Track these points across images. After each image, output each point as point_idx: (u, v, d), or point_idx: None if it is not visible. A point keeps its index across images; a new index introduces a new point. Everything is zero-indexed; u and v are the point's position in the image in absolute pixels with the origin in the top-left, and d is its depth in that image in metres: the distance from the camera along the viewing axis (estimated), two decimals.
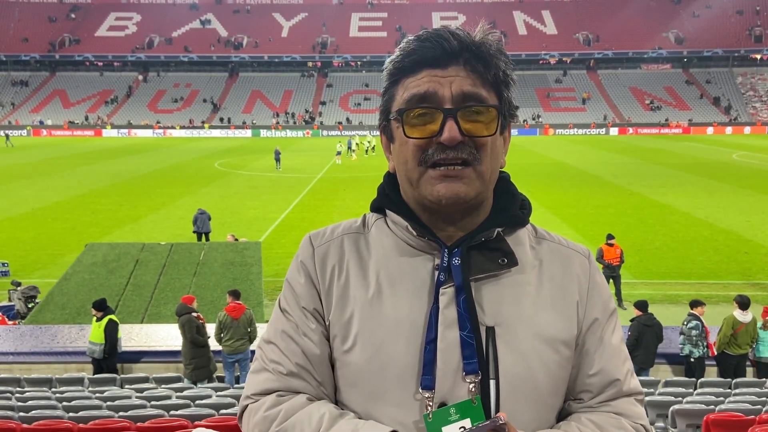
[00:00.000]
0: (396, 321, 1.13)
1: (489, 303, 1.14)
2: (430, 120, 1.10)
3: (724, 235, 17.43)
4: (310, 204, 22.55)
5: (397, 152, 1.17)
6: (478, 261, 1.15)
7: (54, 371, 8.85)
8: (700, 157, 37.49)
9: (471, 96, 1.10)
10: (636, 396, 1.23)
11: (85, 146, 47.43)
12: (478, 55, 1.12)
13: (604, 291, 1.24)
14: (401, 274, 1.16)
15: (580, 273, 1.22)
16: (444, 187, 1.10)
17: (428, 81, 1.11)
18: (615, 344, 1.22)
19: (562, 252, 1.24)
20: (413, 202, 1.18)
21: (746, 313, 8.38)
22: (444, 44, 1.12)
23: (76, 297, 11.29)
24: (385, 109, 1.20)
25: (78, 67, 71.57)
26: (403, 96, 1.14)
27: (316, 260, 1.22)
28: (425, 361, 1.10)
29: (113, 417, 5.80)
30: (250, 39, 72.65)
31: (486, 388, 1.09)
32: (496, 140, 1.15)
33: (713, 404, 6.23)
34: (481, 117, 1.11)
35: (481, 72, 1.12)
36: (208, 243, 14.65)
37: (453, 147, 1.09)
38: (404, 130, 1.13)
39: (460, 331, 1.10)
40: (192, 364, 8.27)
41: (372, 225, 1.25)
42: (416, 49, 1.13)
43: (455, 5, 77.35)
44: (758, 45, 67.66)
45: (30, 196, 24.62)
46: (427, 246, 1.17)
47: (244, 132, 59.58)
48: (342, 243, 1.23)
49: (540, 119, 61.66)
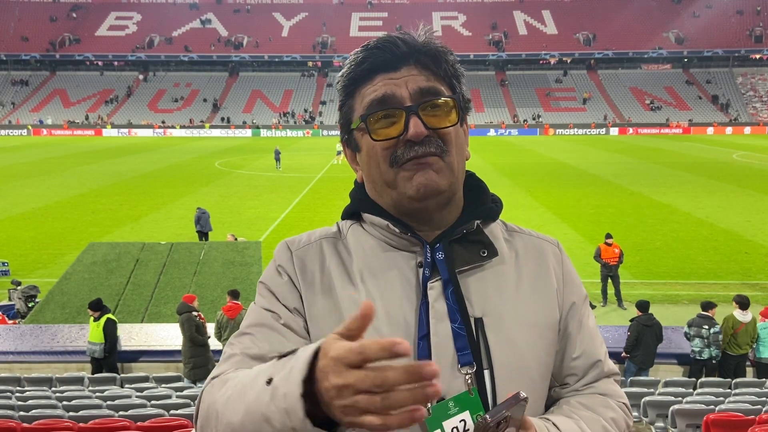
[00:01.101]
0: (386, 320, 1.13)
1: (475, 295, 1.16)
2: (394, 120, 1.12)
3: (725, 235, 17.43)
4: (310, 204, 22.55)
5: (366, 159, 1.18)
6: (460, 254, 1.17)
7: (54, 370, 8.85)
8: (700, 157, 37.49)
9: (428, 91, 1.13)
10: (615, 376, 1.28)
11: (85, 146, 47.42)
12: (426, 53, 1.16)
13: (576, 276, 1.29)
14: (385, 274, 1.17)
15: (553, 261, 1.27)
16: (420, 176, 1.12)
17: (384, 85, 1.14)
18: (592, 326, 1.27)
19: (534, 243, 1.28)
20: (391, 206, 1.19)
21: (746, 313, 8.39)
22: (393, 48, 1.15)
23: (76, 296, 11.29)
24: (345, 122, 1.22)
25: (78, 67, 71.57)
26: (362, 104, 1.16)
27: (296, 263, 1.20)
28: (419, 357, 1.11)
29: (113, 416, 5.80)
30: (251, 39, 72.65)
31: (481, 378, 1.11)
32: (459, 131, 1.18)
33: (713, 404, 6.23)
34: (441, 109, 1.14)
35: (432, 68, 1.16)
36: (208, 242, 14.65)
37: (420, 143, 1.11)
38: (370, 135, 1.14)
39: (451, 324, 1.12)
40: (191, 363, 8.28)
41: (347, 231, 1.25)
42: (366, 57, 1.16)
43: (455, 5, 77.33)
44: (758, 45, 67.63)
45: (30, 195, 24.63)
46: (408, 244, 1.18)
47: (244, 132, 59.58)
48: (321, 247, 1.23)
49: (540, 119, 61.65)
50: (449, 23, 74.02)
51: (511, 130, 59.01)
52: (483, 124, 59.95)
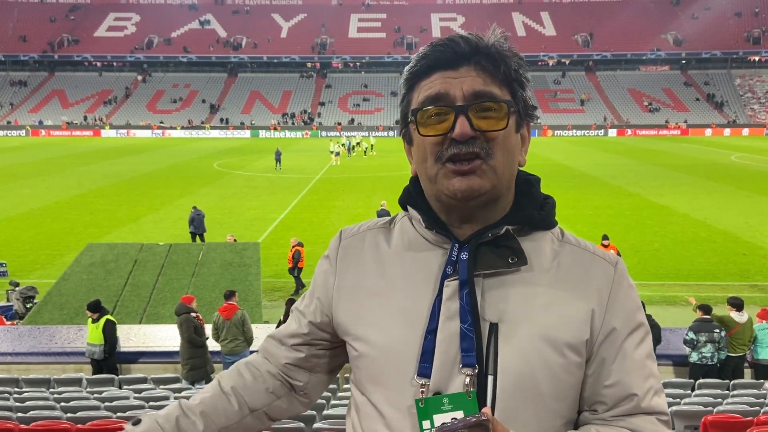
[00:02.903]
0: (401, 310, 1.18)
1: (494, 299, 1.16)
2: (444, 118, 1.14)
3: (723, 237, 17.45)
4: (309, 205, 22.55)
5: (415, 153, 1.22)
6: (486, 257, 1.17)
7: (52, 371, 8.84)
8: (698, 158, 37.54)
9: (482, 94, 1.14)
10: (658, 416, 1.18)
11: (83, 146, 47.40)
12: (488, 55, 1.16)
13: (629, 302, 1.20)
14: (414, 267, 1.22)
15: (601, 280, 1.19)
16: (459, 181, 1.13)
17: (440, 82, 1.15)
18: (637, 358, 1.18)
19: (584, 257, 1.22)
20: (433, 200, 1.21)
21: (742, 314, 8.40)
22: (455, 47, 1.16)
23: (75, 297, 11.27)
24: (403, 115, 1.24)
25: (77, 67, 71.56)
26: (417, 99, 1.18)
27: (339, 252, 1.33)
28: (424, 349, 1.14)
29: (111, 417, 5.79)
30: (249, 39, 72.66)
31: (483, 383, 1.11)
32: (510, 136, 1.17)
33: (711, 406, 6.24)
34: (492, 113, 1.14)
35: (491, 71, 1.15)
36: (207, 243, 14.64)
37: (465, 142, 1.12)
38: (418, 129, 1.17)
39: (460, 324, 1.13)
40: (189, 364, 8.27)
41: (398, 221, 1.32)
42: (428, 53, 1.18)
43: (454, 6, 77.41)
44: (756, 47, 67.77)
45: (29, 196, 24.62)
46: (440, 240, 1.21)
47: (243, 132, 59.56)
48: (364, 238, 1.32)
49: (539, 120, 61.52)
50: (447, 24, 74.04)
51: None
52: None
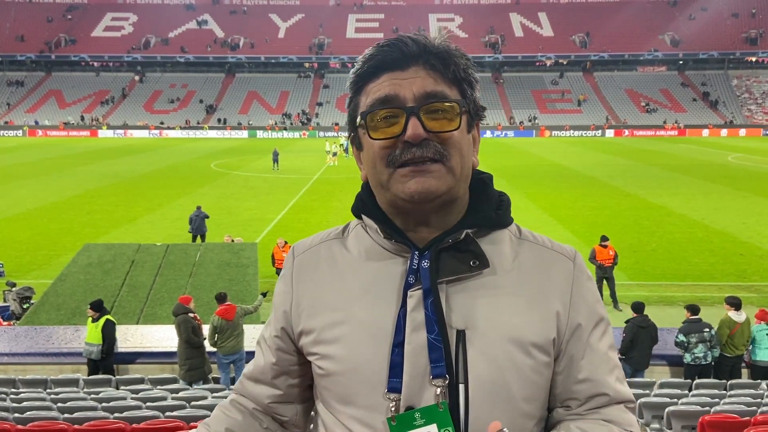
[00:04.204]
0: (365, 324, 1.13)
1: (459, 306, 1.12)
2: (394, 121, 1.10)
3: (720, 237, 17.48)
4: (306, 205, 22.54)
5: (366, 158, 1.17)
6: (448, 263, 1.13)
7: (49, 372, 8.82)
8: (695, 159, 37.60)
9: (432, 94, 1.10)
10: (626, 403, 1.20)
11: (80, 147, 47.30)
12: (437, 54, 1.13)
13: (589, 295, 1.20)
14: (373, 278, 1.17)
15: (562, 276, 1.18)
16: (415, 183, 1.09)
17: (389, 84, 1.12)
18: (602, 351, 1.18)
19: (543, 254, 1.20)
20: (387, 206, 1.17)
21: (740, 313, 8.41)
22: (402, 47, 1.12)
23: (72, 298, 11.25)
24: (351, 119, 1.20)
25: (74, 68, 71.40)
26: (366, 102, 1.14)
27: (294, 270, 1.27)
28: (392, 363, 1.10)
29: (108, 418, 5.78)
30: (247, 40, 72.58)
31: (455, 392, 1.08)
32: (463, 137, 1.14)
33: (708, 406, 6.25)
34: (444, 113, 1.11)
35: (441, 70, 1.12)
36: (204, 244, 14.62)
37: (418, 145, 1.09)
38: (369, 133, 1.13)
39: (427, 334, 1.09)
40: (186, 364, 8.26)
41: (352, 230, 1.26)
42: (375, 54, 1.14)
43: (452, 7, 77.45)
44: (753, 47, 67.89)
45: (26, 196, 24.55)
46: (399, 249, 1.16)
47: (240, 133, 59.50)
48: (319, 251, 1.26)
49: (536, 121, 61.77)
50: (445, 25, 73.96)
51: (507, 132, 59.15)
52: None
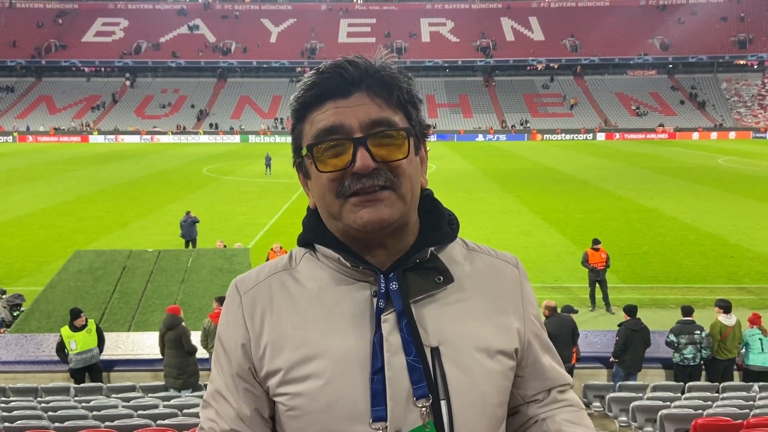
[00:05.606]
0: (340, 356, 1.10)
1: (431, 323, 1.12)
2: (342, 151, 1.08)
3: (711, 239, 17.58)
4: (299, 210, 22.49)
5: (314, 188, 1.16)
6: (415, 283, 1.13)
7: (39, 380, 8.74)
8: (686, 161, 37.85)
9: (379, 122, 1.09)
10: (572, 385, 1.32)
11: (71, 152, 47.07)
12: (379, 80, 1.11)
13: (533, 297, 1.29)
14: (338, 307, 1.14)
15: (512, 283, 1.24)
16: (367, 213, 1.08)
17: (333, 113, 1.09)
18: (551, 344, 1.30)
19: (494, 264, 1.25)
20: (340, 234, 1.15)
21: (730, 317, 8.45)
22: (343, 74, 1.10)
23: (62, 305, 11.14)
24: (296, 147, 1.17)
25: (64, 73, 71.11)
26: (310, 131, 1.12)
27: (245, 309, 1.18)
28: (374, 392, 1.07)
29: (99, 427, 5.73)
30: (239, 45, 72.54)
31: (438, 410, 1.08)
32: (411, 162, 1.13)
33: (701, 408, 6.26)
34: (392, 141, 1.09)
35: (385, 96, 1.11)
36: (196, 249, 14.56)
37: (368, 175, 1.07)
38: (316, 165, 1.11)
39: (405, 357, 1.08)
40: (186, 373, 8.15)
41: (300, 260, 1.21)
42: (316, 82, 1.12)
43: (443, 11, 77.69)
44: (742, 51, 68.49)
45: (16, 202, 24.39)
46: (361, 275, 1.14)
47: (232, 138, 59.41)
48: (270, 285, 1.19)
49: (528, 125, 62.03)
50: (437, 29, 74.33)
51: (499, 136, 59.37)
52: (471, 130, 60.41)
